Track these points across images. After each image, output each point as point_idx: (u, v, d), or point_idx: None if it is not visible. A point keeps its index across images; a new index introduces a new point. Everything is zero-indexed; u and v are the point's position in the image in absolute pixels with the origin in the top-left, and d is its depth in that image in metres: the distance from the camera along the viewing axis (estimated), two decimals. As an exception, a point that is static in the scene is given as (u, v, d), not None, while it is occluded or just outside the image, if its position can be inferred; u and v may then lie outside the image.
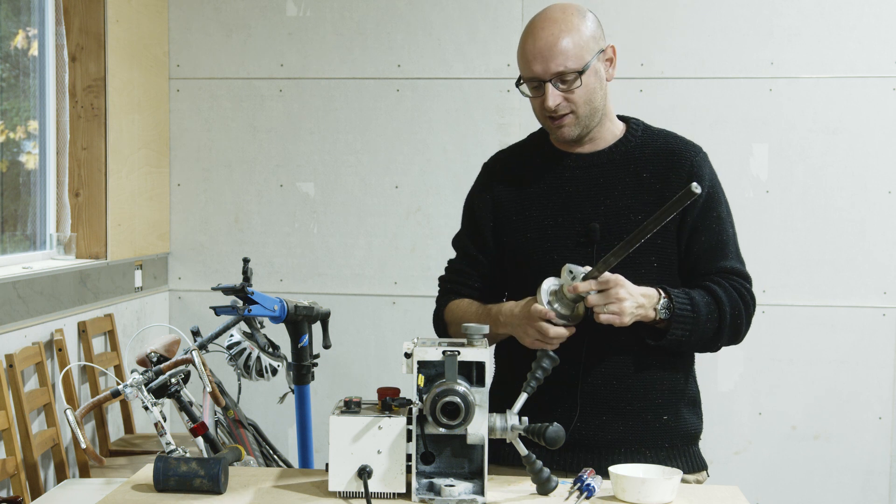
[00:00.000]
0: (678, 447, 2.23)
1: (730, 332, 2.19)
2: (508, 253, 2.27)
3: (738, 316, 2.19)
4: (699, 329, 2.14)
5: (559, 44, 2.11)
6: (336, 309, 4.08)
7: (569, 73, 2.12)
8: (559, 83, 2.13)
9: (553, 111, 2.15)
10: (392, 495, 1.92)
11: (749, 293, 2.22)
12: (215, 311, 3.22)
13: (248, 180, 4.85)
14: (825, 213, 4.61)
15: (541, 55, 2.12)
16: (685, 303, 2.12)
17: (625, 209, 2.19)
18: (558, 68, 2.12)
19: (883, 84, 4.56)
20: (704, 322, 2.14)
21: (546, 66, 2.12)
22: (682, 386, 2.26)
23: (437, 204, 4.74)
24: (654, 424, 2.20)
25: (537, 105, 2.18)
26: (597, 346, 2.16)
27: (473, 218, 2.33)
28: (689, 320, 2.12)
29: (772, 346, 4.65)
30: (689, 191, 1.90)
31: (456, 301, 2.31)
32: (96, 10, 4.17)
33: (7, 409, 3.27)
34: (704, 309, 2.14)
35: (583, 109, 2.16)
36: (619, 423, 2.19)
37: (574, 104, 2.15)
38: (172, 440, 2.37)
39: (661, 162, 2.22)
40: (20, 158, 4.11)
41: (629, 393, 2.19)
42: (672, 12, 4.64)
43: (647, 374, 2.19)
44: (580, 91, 2.14)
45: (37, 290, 3.67)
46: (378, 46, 4.76)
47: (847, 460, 4.63)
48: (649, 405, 2.20)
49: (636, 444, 2.19)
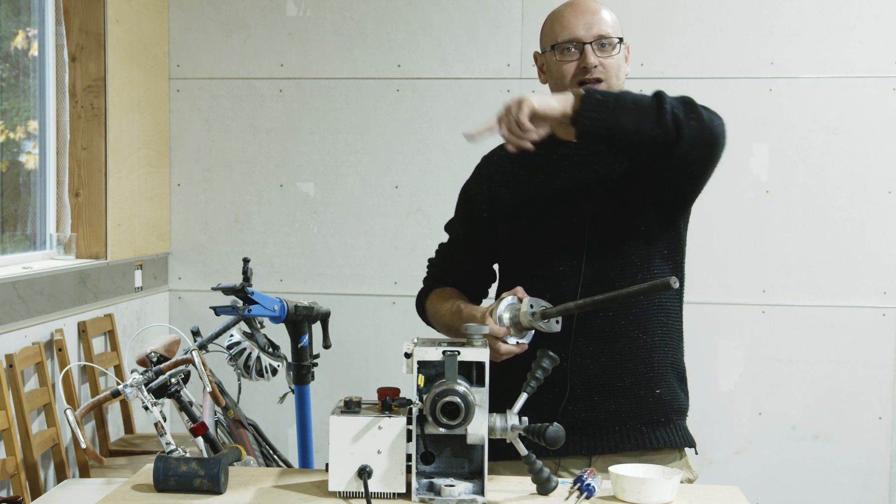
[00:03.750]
0: (673, 421, 2.23)
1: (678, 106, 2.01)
2: (503, 241, 2.28)
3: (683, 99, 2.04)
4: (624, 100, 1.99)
5: (601, 12, 2.22)
6: (336, 309, 4.08)
7: (609, 38, 2.19)
8: (598, 48, 2.18)
9: (591, 70, 2.17)
10: (392, 495, 1.92)
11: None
12: (215, 311, 3.22)
13: (248, 180, 4.85)
14: (825, 213, 4.61)
15: (584, 18, 2.19)
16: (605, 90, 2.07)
17: (615, 185, 2.19)
18: (601, 31, 2.19)
19: (883, 84, 4.56)
20: (630, 94, 2.01)
21: (589, 28, 2.19)
22: (672, 358, 2.25)
23: (437, 204, 4.74)
24: (647, 399, 2.19)
25: (569, 69, 2.20)
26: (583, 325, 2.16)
27: (468, 207, 2.35)
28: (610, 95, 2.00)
29: (772, 346, 4.65)
30: (668, 283, 1.91)
31: (439, 290, 2.35)
32: (96, 10, 4.17)
33: (7, 409, 3.27)
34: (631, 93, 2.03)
35: (613, 81, 2.19)
36: (611, 401, 2.18)
37: (606, 71, 2.18)
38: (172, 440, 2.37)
39: None
40: (20, 158, 4.11)
41: (619, 369, 2.18)
42: (672, 12, 4.64)
43: (637, 348, 2.18)
44: (614, 60, 2.19)
45: (37, 290, 3.67)
46: (378, 46, 4.76)
47: (847, 460, 4.63)
48: (641, 380, 2.19)
49: (630, 420, 2.18)
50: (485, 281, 2.40)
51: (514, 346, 2.06)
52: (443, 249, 2.43)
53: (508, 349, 2.06)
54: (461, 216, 2.39)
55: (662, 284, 1.92)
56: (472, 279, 2.37)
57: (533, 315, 2.03)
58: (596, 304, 2.01)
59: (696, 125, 2.03)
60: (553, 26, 2.23)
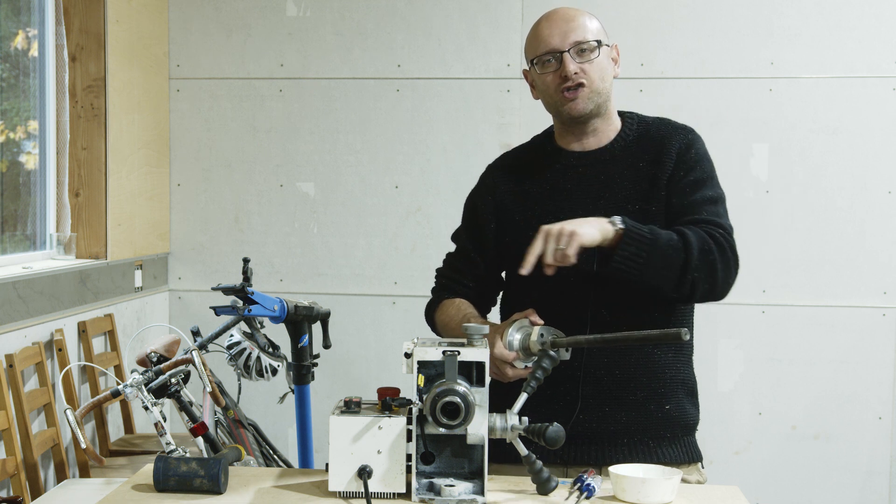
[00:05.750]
0: (679, 437, 2.23)
1: (700, 269, 2.07)
2: (509, 252, 2.27)
3: (709, 252, 2.08)
4: (657, 253, 2.04)
5: (577, 18, 2.22)
6: (336, 309, 4.08)
7: (586, 42, 2.18)
8: (576, 55, 2.18)
9: (571, 78, 2.17)
10: (392, 495, 1.92)
11: (725, 239, 2.13)
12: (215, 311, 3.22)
13: (248, 180, 4.85)
14: (825, 213, 4.61)
15: (558, 28, 2.20)
16: (640, 227, 2.07)
17: (623, 201, 2.19)
18: (577, 37, 2.18)
19: (883, 84, 4.56)
20: (664, 248, 2.05)
21: (564, 36, 2.19)
22: (683, 375, 2.26)
23: (437, 204, 4.74)
24: (656, 414, 2.20)
25: (551, 80, 2.20)
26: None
27: (474, 218, 2.34)
28: (646, 241, 2.04)
29: (772, 346, 4.65)
30: (678, 334, 1.89)
31: (448, 301, 2.33)
32: (96, 10, 4.17)
33: (7, 409, 3.27)
34: (665, 237, 2.06)
35: (596, 84, 2.19)
36: (622, 413, 2.19)
37: (588, 76, 2.18)
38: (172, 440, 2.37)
39: (654, 148, 2.24)
40: (20, 158, 4.11)
41: (632, 383, 2.19)
42: (672, 12, 4.64)
43: (650, 363, 2.19)
44: (595, 64, 2.18)
45: (37, 290, 3.67)
46: (378, 46, 4.76)
47: (847, 460, 4.63)
48: (652, 395, 2.20)
49: (639, 434, 2.19)
50: (493, 290, 2.39)
51: (521, 371, 2.07)
52: (450, 259, 2.41)
53: (516, 374, 2.06)
54: (468, 227, 2.38)
55: (674, 335, 1.90)
56: (480, 288, 2.36)
57: (543, 344, 2.03)
58: (606, 342, 2.01)
59: (709, 287, 2.12)
60: (532, 41, 2.25)
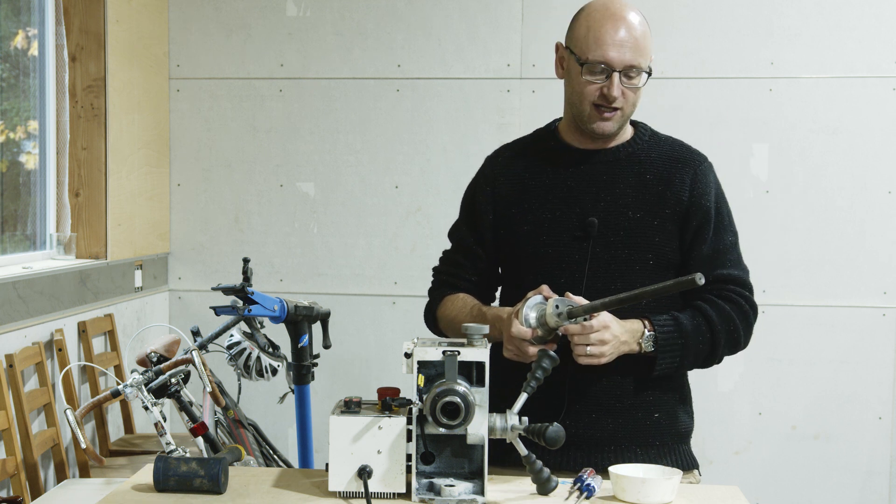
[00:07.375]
0: (669, 445, 2.22)
1: (728, 347, 2.20)
2: (505, 245, 2.26)
3: (734, 331, 2.18)
4: (690, 353, 2.15)
5: (640, 39, 2.10)
6: (336, 309, 4.08)
7: (639, 68, 2.11)
8: (625, 77, 2.11)
9: (612, 100, 2.11)
10: (392, 495, 1.92)
11: (748, 301, 2.20)
12: (215, 311, 3.23)
13: (248, 180, 4.85)
14: (825, 213, 4.61)
15: (621, 44, 2.09)
16: (671, 331, 2.12)
17: (624, 206, 2.18)
18: (633, 61, 2.10)
19: (883, 84, 4.56)
20: (695, 345, 2.15)
21: (623, 56, 2.09)
22: (675, 384, 2.25)
23: (437, 204, 4.74)
24: (644, 422, 2.20)
25: (591, 91, 2.13)
26: None
27: (473, 209, 2.32)
28: (677, 347, 2.13)
29: (772, 346, 4.64)
30: (693, 280, 1.89)
31: (451, 297, 2.30)
32: (96, 10, 4.17)
33: (7, 409, 3.27)
34: (693, 332, 2.14)
35: (629, 110, 2.16)
36: (609, 420, 2.18)
37: (626, 102, 2.14)
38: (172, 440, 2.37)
39: (665, 166, 2.21)
40: (20, 158, 4.11)
41: (619, 390, 2.18)
42: (672, 12, 4.64)
43: (638, 371, 2.17)
44: (636, 93, 2.14)
45: (37, 290, 3.67)
46: (378, 46, 4.76)
47: (847, 460, 4.63)
48: (640, 403, 2.19)
49: (626, 441, 2.18)
50: (493, 283, 2.37)
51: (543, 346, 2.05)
52: (449, 255, 2.37)
53: (536, 351, 2.03)
54: (466, 219, 2.34)
55: (688, 281, 1.91)
56: (480, 282, 2.33)
57: (559, 315, 2.01)
58: (622, 302, 1.98)
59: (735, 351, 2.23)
60: (588, 36, 2.12)
